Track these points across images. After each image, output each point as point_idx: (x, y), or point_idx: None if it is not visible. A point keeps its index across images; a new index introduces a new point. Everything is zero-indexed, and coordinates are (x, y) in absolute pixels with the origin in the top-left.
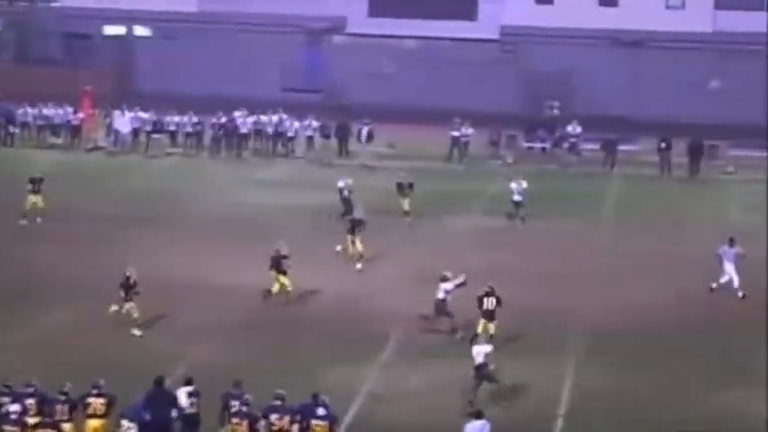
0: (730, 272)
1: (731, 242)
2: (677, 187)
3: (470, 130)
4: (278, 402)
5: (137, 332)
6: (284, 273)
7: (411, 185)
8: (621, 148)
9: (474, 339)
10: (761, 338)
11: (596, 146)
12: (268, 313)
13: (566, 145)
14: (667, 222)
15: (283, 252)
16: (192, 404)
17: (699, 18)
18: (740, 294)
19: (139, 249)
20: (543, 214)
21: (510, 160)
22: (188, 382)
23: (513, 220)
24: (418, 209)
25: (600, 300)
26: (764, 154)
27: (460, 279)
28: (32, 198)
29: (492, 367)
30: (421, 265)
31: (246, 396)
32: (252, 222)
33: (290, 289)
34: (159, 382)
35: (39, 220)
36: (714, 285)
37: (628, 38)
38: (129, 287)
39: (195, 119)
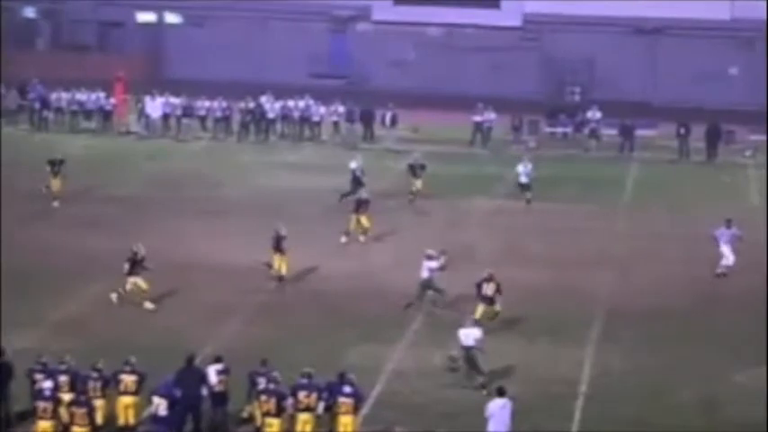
0: (727, 253)
1: (728, 224)
2: (695, 171)
3: (493, 116)
4: (305, 380)
5: (149, 306)
6: (282, 252)
7: (423, 167)
8: (641, 132)
9: (474, 324)
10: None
11: (615, 131)
12: (292, 293)
13: (586, 130)
14: (685, 205)
15: (282, 233)
16: (220, 382)
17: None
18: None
19: (164, 231)
20: (562, 198)
21: (532, 145)
22: (217, 360)
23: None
24: (430, 190)
25: (618, 281)
26: None
27: (442, 260)
28: (54, 180)
29: (481, 354)
30: (445, 246)
31: (274, 374)
32: (276, 204)
33: (283, 270)
34: (190, 360)
35: (56, 203)
36: (719, 271)
37: (647, 25)
38: (135, 262)
39: (224, 104)
